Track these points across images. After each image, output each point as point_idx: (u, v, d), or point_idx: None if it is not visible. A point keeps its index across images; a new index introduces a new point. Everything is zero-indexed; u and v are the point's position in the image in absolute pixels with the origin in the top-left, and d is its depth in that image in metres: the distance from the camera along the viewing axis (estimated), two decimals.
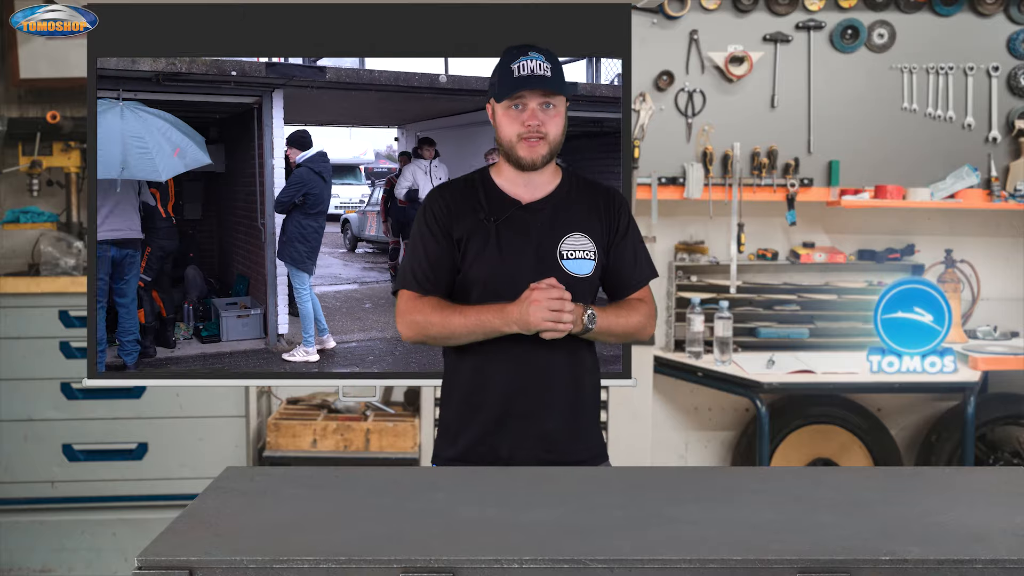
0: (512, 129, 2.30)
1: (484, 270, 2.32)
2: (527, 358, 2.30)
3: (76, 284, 4.12)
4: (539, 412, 2.32)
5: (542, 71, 2.28)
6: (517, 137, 2.30)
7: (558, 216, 2.34)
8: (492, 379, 2.32)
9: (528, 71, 2.27)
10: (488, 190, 2.37)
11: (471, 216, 2.33)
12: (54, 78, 4.45)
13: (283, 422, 4.14)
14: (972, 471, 3.44)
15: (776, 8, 4.62)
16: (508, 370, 2.31)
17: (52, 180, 4.57)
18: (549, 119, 2.30)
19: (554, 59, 2.32)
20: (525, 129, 2.29)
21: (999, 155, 4.69)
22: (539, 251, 2.32)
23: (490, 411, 2.32)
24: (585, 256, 2.33)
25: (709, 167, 4.60)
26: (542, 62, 2.29)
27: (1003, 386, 4.66)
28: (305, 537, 1.55)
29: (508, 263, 2.31)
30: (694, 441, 4.82)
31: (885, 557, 1.45)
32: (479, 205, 2.34)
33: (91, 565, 4.18)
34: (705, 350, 4.47)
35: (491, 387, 2.33)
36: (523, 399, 2.32)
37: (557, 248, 2.32)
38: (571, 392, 2.35)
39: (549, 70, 2.29)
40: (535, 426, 2.32)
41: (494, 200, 2.35)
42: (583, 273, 2.32)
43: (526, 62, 2.28)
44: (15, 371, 4.13)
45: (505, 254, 2.31)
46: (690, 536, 1.57)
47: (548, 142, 2.31)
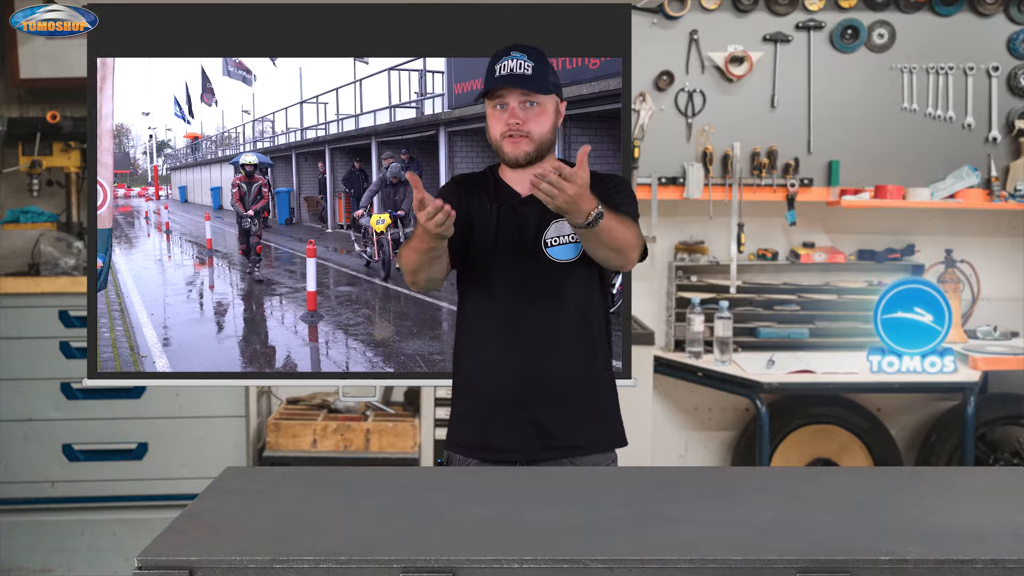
0: (496, 128, 2.37)
1: (481, 257, 2.40)
2: (524, 351, 2.37)
3: (76, 284, 4.13)
4: (532, 401, 2.37)
5: (522, 70, 2.31)
6: (501, 136, 2.36)
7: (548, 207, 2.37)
8: (487, 368, 2.41)
9: (508, 71, 2.32)
10: (496, 182, 2.45)
11: (478, 203, 2.42)
12: (54, 78, 4.45)
13: (283, 422, 4.14)
14: (972, 471, 3.44)
15: (776, 8, 4.62)
16: (503, 362, 2.39)
17: (52, 180, 4.57)
18: (532, 117, 2.34)
19: (539, 58, 2.35)
20: (507, 128, 2.34)
21: (999, 155, 4.69)
22: (528, 240, 2.38)
23: (485, 401, 2.40)
24: (569, 240, 2.36)
25: (709, 167, 4.60)
26: (524, 61, 2.32)
27: (1003, 386, 4.66)
28: (305, 537, 1.55)
29: (501, 252, 2.39)
30: (694, 441, 4.82)
31: (885, 557, 1.45)
32: (486, 193, 2.43)
33: (91, 565, 4.18)
34: (705, 350, 4.47)
35: (486, 375, 2.41)
36: (517, 387, 2.37)
37: (543, 237, 2.38)
38: (567, 381, 2.40)
39: (530, 68, 2.32)
40: (528, 414, 2.37)
41: (498, 191, 2.43)
42: (568, 258, 2.37)
43: (507, 62, 2.32)
44: (15, 371, 4.13)
45: (500, 243, 2.39)
46: (690, 536, 1.57)
47: (532, 139, 2.35)
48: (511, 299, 2.39)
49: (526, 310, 2.38)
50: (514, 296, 2.38)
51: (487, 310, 2.42)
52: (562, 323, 2.39)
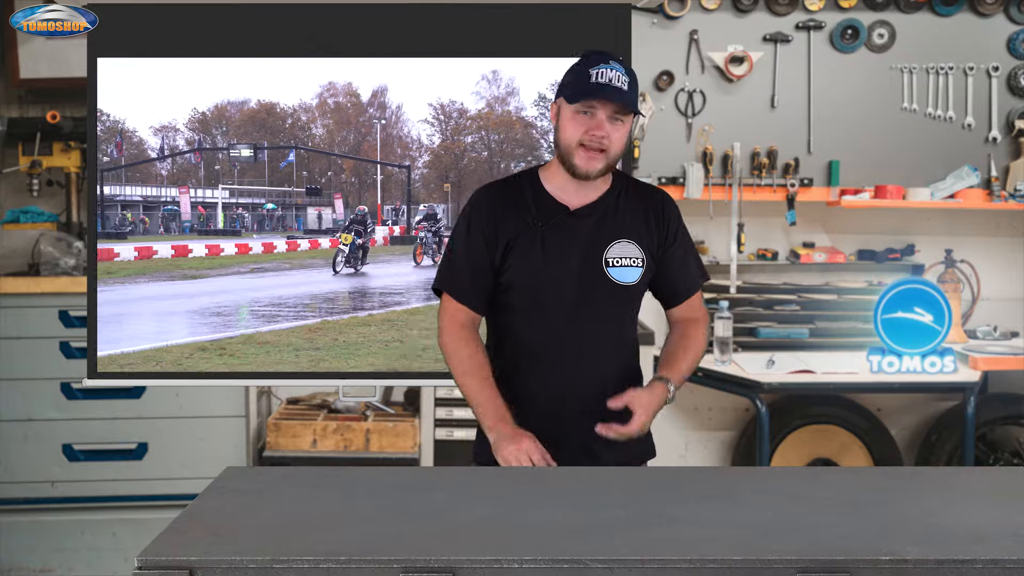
0: (575, 133, 2.25)
1: (526, 276, 2.31)
2: (575, 373, 2.34)
3: (76, 284, 4.13)
4: (581, 422, 2.32)
5: (620, 83, 2.22)
6: (578, 143, 2.25)
7: (606, 222, 2.32)
8: (533, 388, 2.35)
9: (607, 79, 2.22)
10: (536, 193, 2.34)
11: (517, 219, 2.31)
12: (54, 78, 4.45)
13: (283, 422, 4.14)
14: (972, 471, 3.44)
15: (776, 8, 4.62)
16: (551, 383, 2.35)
17: (52, 180, 4.57)
18: (615, 132, 2.25)
19: (632, 74, 2.27)
20: (589, 137, 2.24)
21: (999, 155, 4.69)
22: (585, 258, 2.30)
23: (530, 421, 2.32)
24: (632, 264, 2.31)
25: (709, 167, 4.60)
26: (621, 74, 2.23)
27: (1003, 386, 4.66)
28: (305, 537, 1.55)
29: (552, 270, 2.30)
30: (694, 441, 4.82)
31: (885, 557, 1.45)
32: (526, 208, 2.32)
33: (91, 565, 4.18)
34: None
35: (530, 396, 2.35)
36: (566, 409, 2.33)
37: (603, 255, 2.30)
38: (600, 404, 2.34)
39: (627, 84, 2.23)
40: (576, 438, 2.33)
41: (541, 204, 2.33)
42: (629, 281, 2.31)
43: (606, 70, 2.22)
44: (15, 371, 4.13)
45: (550, 260, 2.30)
46: (690, 536, 1.57)
47: (607, 156, 2.26)
48: (562, 319, 2.31)
49: (579, 331, 2.31)
50: (567, 316, 2.30)
51: (533, 327, 2.34)
52: (613, 344, 2.34)
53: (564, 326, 2.31)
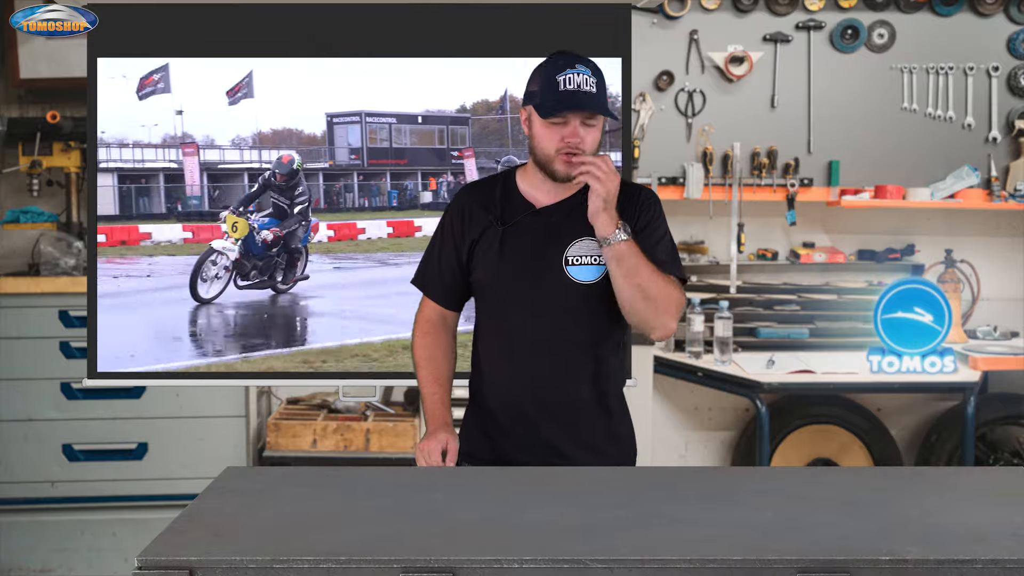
0: (551, 144, 2.23)
1: (487, 274, 2.32)
2: (535, 371, 2.31)
3: (76, 284, 4.12)
4: (541, 420, 2.31)
5: (588, 86, 2.19)
6: (555, 152, 2.23)
7: (571, 220, 2.28)
8: (496, 384, 2.37)
9: (575, 86, 2.18)
10: (507, 192, 2.34)
11: (483, 218, 2.32)
12: (54, 78, 4.45)
13: (283, 422, 4.14)
14: (972, 471, 3.44)
15: (776, 8, 4.62)
16: (513, 380, 2.34)
17: (52, 180, 4.57)
18: (588, 135, 2.22)
19: (599, 73, 2.23)
20: (564, 145, 2.22)
21: (999, 155, 4.69)
22: (544, 256, 2.28)
23: (497, 416, 2.35)
24: (593, 262, 2.27)
25: (709, 167, 4.60)
26: (588, 76, 2.20)
27: (1003, 386, 4.66)
28: (305, 537, 1.55)
29: (509, 267, 2.30)
30: (694, 441, 4.82)
31: (885, 557, 1.45)
32: (492, 207, 2.32)
33: (91, 565, 4.18)
34: (705, 350, 4.46)
35: (495, 391, 2.36)
36: (527, 406, 2.32)
37: (564, 254, 2.28)
38: (575, 403, 2.32)
39: (595, 86, 2.20)
40: (539, 435, 2.32)
41: (508, 203, 2.33)
42: (589, 279, 2.27)
43: (572, 75, 2.19)
44: (15, 371, 4.13)
45: (506, 259, 2.29)
46: (690, 536, 1.57)
47: (584, 156, 2.23)
48: (522, 317, 2.29)
49: (539, 329, 2.29)
50: (526, 314, 2.29)
51: (498, 325, 2.35)
52: (579, 344, 2.30)
53: (526, 324, 2.30)
